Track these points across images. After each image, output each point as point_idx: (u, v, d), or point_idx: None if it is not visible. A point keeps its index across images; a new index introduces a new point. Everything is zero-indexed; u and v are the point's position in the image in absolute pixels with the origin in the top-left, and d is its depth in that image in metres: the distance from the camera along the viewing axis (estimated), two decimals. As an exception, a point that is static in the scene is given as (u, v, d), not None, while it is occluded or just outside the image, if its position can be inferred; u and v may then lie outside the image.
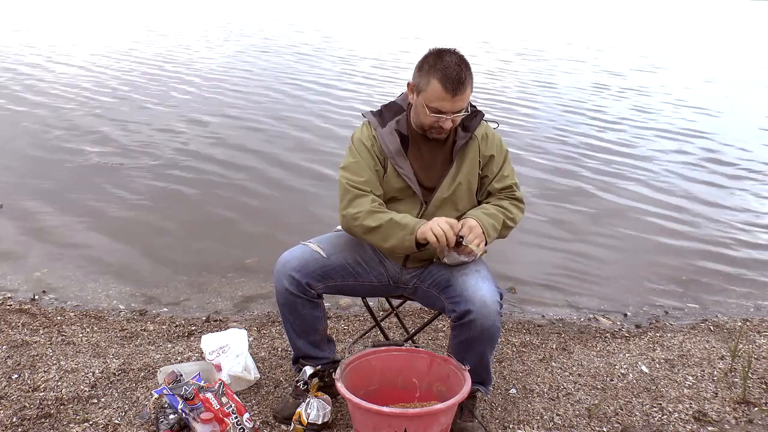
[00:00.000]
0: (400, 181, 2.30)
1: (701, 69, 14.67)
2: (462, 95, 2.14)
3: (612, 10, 42.80)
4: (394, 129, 2.29)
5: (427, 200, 2.32)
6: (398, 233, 2.19)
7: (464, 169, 2.32)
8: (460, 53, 2.18)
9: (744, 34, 27.49)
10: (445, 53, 2.16)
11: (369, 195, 2.25)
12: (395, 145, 2.27)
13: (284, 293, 2.28)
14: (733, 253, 4.58)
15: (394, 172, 2.29)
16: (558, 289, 3.93)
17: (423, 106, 2.18)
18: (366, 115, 2.38)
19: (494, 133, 2.39)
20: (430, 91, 2.13)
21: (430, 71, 2.14)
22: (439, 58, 2.15)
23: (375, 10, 31.34)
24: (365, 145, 2.30)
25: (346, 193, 2.27)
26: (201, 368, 2.52)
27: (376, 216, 2.21)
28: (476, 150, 2.32)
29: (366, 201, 2.24)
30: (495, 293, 2.18)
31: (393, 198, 2.33)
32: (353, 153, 2.32)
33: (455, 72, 2.11)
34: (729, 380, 2.82)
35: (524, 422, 2.47)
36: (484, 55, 14.54)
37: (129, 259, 4.15)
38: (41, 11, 22.92)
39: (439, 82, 2.11)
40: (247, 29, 19.01)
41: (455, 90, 2.11)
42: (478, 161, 2.34)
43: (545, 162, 6.48)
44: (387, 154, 2.29)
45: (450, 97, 2.12)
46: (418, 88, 2.18)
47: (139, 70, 11.09)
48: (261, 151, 6.52)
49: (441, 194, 2.30)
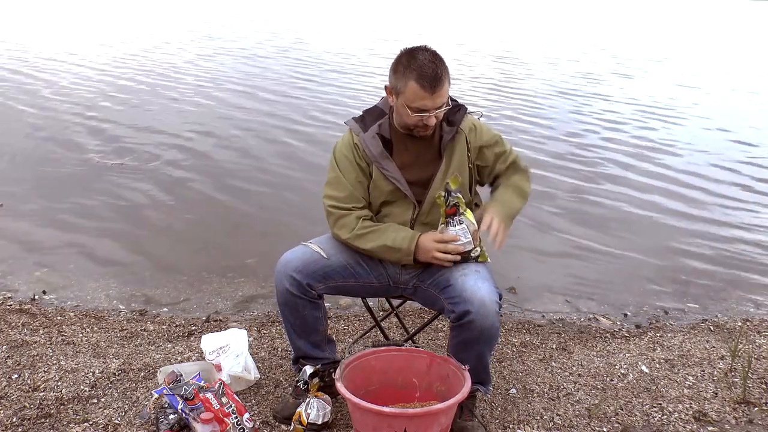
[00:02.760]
0: (388, 184, 2.30)
1: (699, 68, 14.67)
2: (441, 90, 2.14)
3: (612, 11, 42.81)
4: (376, 133, 2.29)
5: (420, 199, 2.32)
6: (394, 255, 2.26)
7: (454, 163, 2.32)
8: (431, 49, 2.18)
9: (742, 34, 27.48)
10: (417, 51, 2.16)
11: (352, 213, 2.30)
12: (377, 148, 2.27)
13: (285, 294, 2.28)
14: (733, 253, 4.58)
15: (381, 176, 2.30)
16: (558, 289, 3.92)
17: (404, 107, 2.18)
18: (348, 123, 2.38)
19: (481, 123, 2.40)
20: (409, 91, 2.13)
21: (406, 72, 2.13)
22: (412, 57, 2.14)
23: (374, 13, 31.32)
24: (346, 156, 2.32)
25: (330, 216, 2.34)
26: (201, 368, 2.52)
27: (365, 238, 2.27)
28: (464, 143, 2.33)
29: (351, 221, 2.29)
30: (494, 293, 2.17)
31: (385, 202, 2.34)
32: (333, 167, 2.35)
33: (431, 69, 2.11)
34: (729, 380, 2.82)
35: (524, 422, 2.47)
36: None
37: (129, 259, 4.15)
38: (41, 11, 22.93)
39: (416, 82, 2.11)
40: (249, 29, 19.01)
41: (433, 87, 2.12)
42: (467, 154, 2.34)
43: (545, 162, 6.47)
44: (371, 159, 2.29)
45: (429, 95, 2.13)
46: (396, 90, 2.18)
47: (139, 70, 11.09)
48: (261, 151, 6.52)
49: (433, 192, 2.30)
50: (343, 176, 2.32)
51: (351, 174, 2.31)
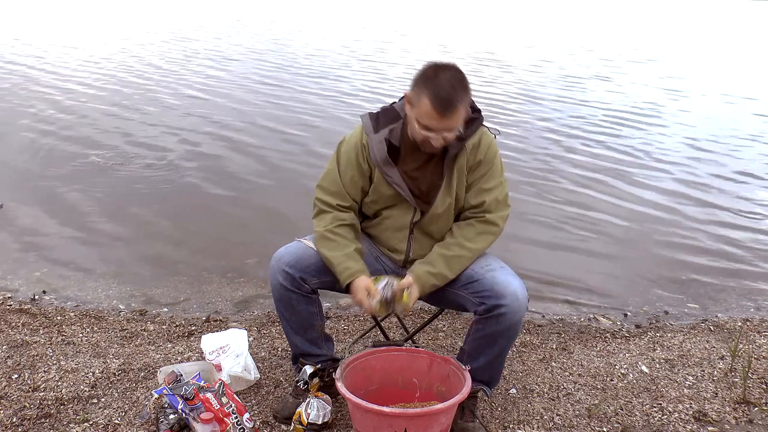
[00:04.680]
0: (390, 189, 2.30)
1: (694, 69, 14.68)
2: (452, 115, 2.09)
3: (612, 11, 42.82)
4: (384, 138, 2.26)
5: (422, 209, 2.31)
6: (335, 270, 2.26)
7: (455, 182, 2.28)
8: (456, 70, 2.12)
9: (741, 33, 27.50)
10: (441, 70, 2.11)
11: (331, 213, 2.32)
12: (382, 154, 2.25)
13: (279, 288, 2.29)
14: (734, 253, 4.58)
15: (383, 181, 2.29)
16: (558, 289, 3.93)
17: (414, 120, 2.15)
18: (362, 118, 2.35)
19: (490, 140, 2.30)
20: (421, 107, 2.10)
21: (423, 87, 2.09)
22: (435, 74, 2.09)
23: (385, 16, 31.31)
24: (350, 154, 2.32)
25: (314, 206, 2.39)
26: (201, 368, 2.51)
27: (325, 243, 2.29)
28: (464, 160, 2.27)
29: (326, 220, 2.32)
30: (525, 288, 2.20)
31: (385, 205, 2.34)
32: (333, 160, 2.36)
33: (446, 92, 2.06)
34: (729, 380, 2.82)
35: (524, 422, 2.47)
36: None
37: (129, 259, 4.15)
38: (40, 12, 22.94)
39: (429, 100, 2.06)
40: (254, 28, 19.01)
41: (444, 110, 2.06)
42: (465, 171, 2.28)
43: (544, 162, 6.48)
44: (374, 163, 2.28)
45: (439, 117, 2.08)
46: (412, 101, 2.15)
47: (139, 70, 11.09)
48: (262, 151, 6.52)
49: (435, 210, 2.29)
50: (340, 173, 2.33)
51: (348, 173, 2.32)
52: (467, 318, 3.28)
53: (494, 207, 2.30)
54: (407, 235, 2.36)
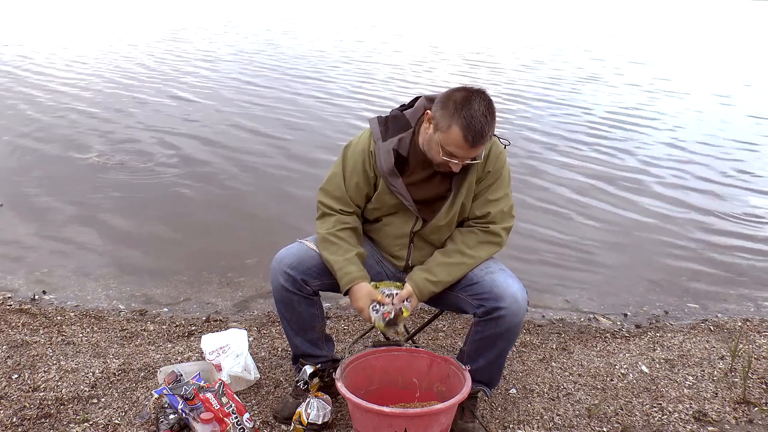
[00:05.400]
0: (393, 198, 2.28)
1: (692, 68, 14.68)
2: (481, 146, 2.07)
3: (612, 11, 42.82)
4: (392, 148, 2.21)
5: (425, 217, 2.29)
6: (335, 274, 2.24)
7: (462, 192, 2.25)
8: (488, 99, 2.05)
9: (740, 33, 27.50)
10: (474, 98, 2.02)
11: (334, 216, 2.30)
12: (389, 164, 2.22)
13: (280, 290, 2.28)
14: (733, 253, 4.58)
15: (387, 190, 2.27)
16: (558, 289, 3.93)
17: (438, 145, 2.08)
18: (371, 123, 2.30)
19: (500, 150, 2.27)
20: (450, 135, 2.03)
21: (454, 115, 2.01)
22: (468, 102, 2.01)
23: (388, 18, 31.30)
24: (355, 160, 2.28)
25: (317, 209, 2.37)
26: (201, 368, 2.51)
27: (327, 246, 2.27)
28: (474, 173, 2.23)
29: (329, 222, 2.30)
30: (524, 291, 2.19)
31: (387, 212, 2.33)
32: (339, 164, 2.33)
33: (479, 124, 2.00)
34: (729, 380, 2.82)
35: (524, 422, 2.47)
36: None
37: (129, 259, 4.15)
38: (40, 12, 22.94)
39: (460, 131, 2.00)
40: (250, 28, 19.00)
41: (475, 142, 2.02)
42: (474, 185, 2.26)
43: (544, 161, 6.48)
44: (380, 172, 2.25)
45: (468, 148, 2.04)
46: (438, 125, 2.07)
47: (139, 70, 11.08)
48: (262, 151, 6.51)
49: (438, 222, 2.28)
50: (345, 178, 2.30)
51: (353, 179, 2.29)
52: (467, 318, 3.28)
53: (499, 218, 2.28)
54: (407, 243, 2.35)
